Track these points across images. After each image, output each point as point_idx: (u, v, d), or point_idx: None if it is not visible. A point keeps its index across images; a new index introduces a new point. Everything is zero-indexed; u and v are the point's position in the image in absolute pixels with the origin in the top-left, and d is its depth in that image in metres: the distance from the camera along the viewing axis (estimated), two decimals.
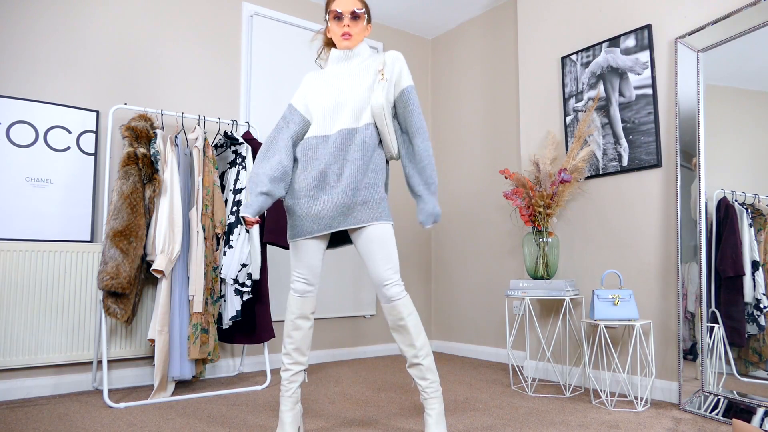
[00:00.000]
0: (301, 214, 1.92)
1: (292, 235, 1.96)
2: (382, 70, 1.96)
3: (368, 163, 1.92)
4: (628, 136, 2.80)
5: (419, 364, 1.92)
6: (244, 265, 2.85)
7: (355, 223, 1.89)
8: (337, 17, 1.98)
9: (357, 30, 2.00)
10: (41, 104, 2.83)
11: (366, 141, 1.91)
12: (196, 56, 3.36)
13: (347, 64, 2.03)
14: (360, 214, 1.89)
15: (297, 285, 1.98)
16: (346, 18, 1.97)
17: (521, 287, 2.85)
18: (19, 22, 2.83)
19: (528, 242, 2.94)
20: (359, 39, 2.02)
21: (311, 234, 1.92)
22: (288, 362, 1.98)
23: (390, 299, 1.91)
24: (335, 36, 2.01)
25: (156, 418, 2.29)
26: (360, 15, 1.99)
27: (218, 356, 2.82)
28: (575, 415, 2.34)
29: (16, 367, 2.60)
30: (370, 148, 1.93)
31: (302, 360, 1.98)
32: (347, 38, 1.99)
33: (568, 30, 3.15)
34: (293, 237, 1.96)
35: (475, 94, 4.07)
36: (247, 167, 2.96)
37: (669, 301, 2.61)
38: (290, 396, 1.97)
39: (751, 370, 2.24)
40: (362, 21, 2.01)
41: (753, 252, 2.28)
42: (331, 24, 2.01)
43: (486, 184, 3.91)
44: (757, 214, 2.28)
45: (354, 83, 1.96)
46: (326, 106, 1.96)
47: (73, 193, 2.87)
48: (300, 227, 1.93)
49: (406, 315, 1.91)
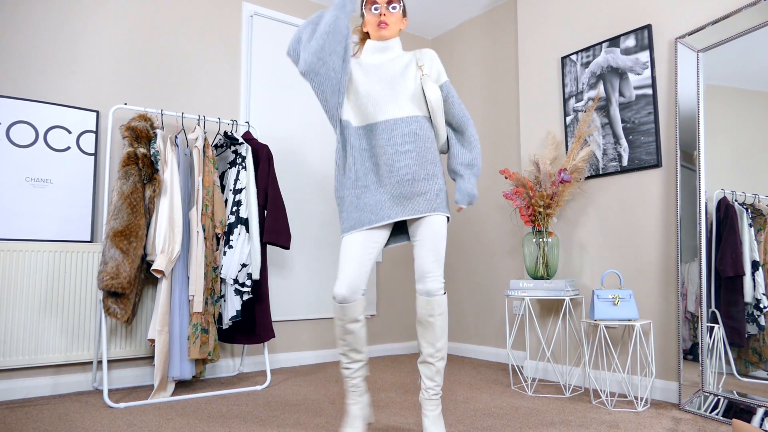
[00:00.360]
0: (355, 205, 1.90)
1: (346, 228, 1.91)
2: (422, 66, 2.00)
3: (424, 155, 1.92)
4: (628, 136, 2.80)
5: (433, 364, 1.92)
6: (244, 265, 2.85)
7: (413, 213, 1.89)
8: (374, 8, 2.00)
9: (393, 20, 2.01)
10: (41, 104, 2.83)
11: (417, 133, 1.92)
12: (196, 56, 3.36)
13: (382, 56, 2.03)
14: (418, 205, 1.90)
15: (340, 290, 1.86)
16: (383, 7, 1.99)
17: (521, 287, 2.85)
18: (20, 22, 2.83)
19: (528, 242, 2.94)
20: (395, 29, 2.03)
21: (369, 224, 1.88)
22: (346, 361, 1.94)
23: (429, 293, 1.90)
24: (371, 26, 2.02)
25: (156, 418, 2.29)
26: (396, 4, 2.01)
27: (218, 356, 2.82)
28: (575, 415, 2.34)
29: (16, 367, 2.60)
30: (422, 140, 1.94)
31: (360, 357, 1.94)
32: (384, 27, 1.99)
33: (568, 30, 3.15)
34: (348, 230, 1.90)
35: (475, 94, 4.07)
36: (247, 167, 2.96)
37: (669, 301, 2.61)
38: (355, 389, 1.95)
39: (751, 370, 2.24)
40: (398, 11, 2.02)
41: (753, 252, 2.28)
42: (367, 15, 2.03)
43: (486, 184, 3.91)
44: (757, 214, 2.28)
45: (393, 75, 1.97)
46: (368, 96, 1.95)
47: (73, 193, 2.87)
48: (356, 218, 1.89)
49: (437, 313, 1.91)
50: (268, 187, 3.03)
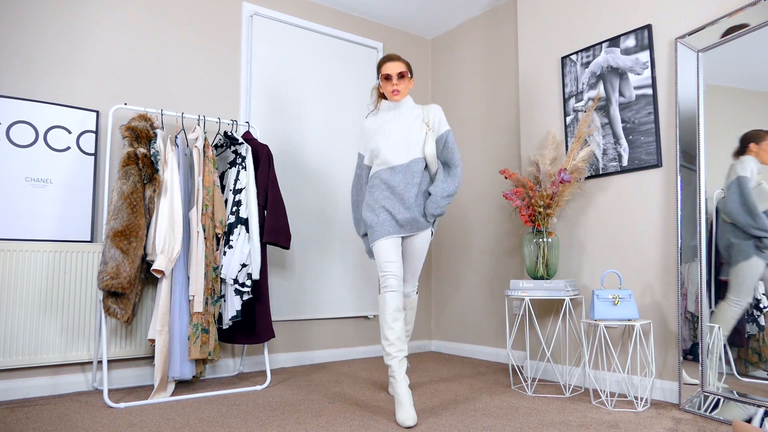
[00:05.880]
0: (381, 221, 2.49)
1: (374, 237, 2.48)
2: (427, 122, 2.59)
3: (422, 188, 2.57)
4: (628, 136, 2.80)
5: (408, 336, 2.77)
6: (244, 265, 2.85)
7: (416, 230, 2.57)
8: (387, 78, 2.58)
9: (403, 86, 2.59)
10: (41, 104, 2.83)
11: (422, 171, 2.56)
12: (196, 56, 3.36)
13: (396, 112, 2.64)
14: (418, 225, 2.55)
15: (390, 281, 2.41)
16: (395, 78, 2.56)
17: (521, 287, 2.85)
18: (20, 22, 2.83)
19: (528, 242, 2.94)
20: (405, 93, 2.62)
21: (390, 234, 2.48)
22: (394, 351, 2.33)
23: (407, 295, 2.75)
24: (387, 92, 2.61)
25: (156, 418, 2.29)
26: (404, 74, 2.58)
27: (218, 356, 2.82)
28: (575, 415, 2.34)
29: (16, 367, 2.60)
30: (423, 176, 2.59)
31: (405, 347, 2.37)
32: (396, 94, 2.58)
33: (568, 30, 3.15)
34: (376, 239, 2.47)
35: (475, 94, 4.07)
36: (247, 167, 2.96)
37: (669, 301, 2.61)
38: (402, 378, 2.28)
39: (751, 370, 2.24)
40: (407, 78, 2.60)
41: None
42: (382, 83, 2.61)
43: (486, 184, 3.91)
44: None
45: (404, 127, 2.58)
46: (386, 146, 2.55)
47: (73, 193, 2.87)
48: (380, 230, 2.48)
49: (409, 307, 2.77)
50: (268, 187, 3.03)
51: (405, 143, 2.54)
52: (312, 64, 3.84)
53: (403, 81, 2.58)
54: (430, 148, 2.56)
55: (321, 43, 3.91)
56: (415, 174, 2.52)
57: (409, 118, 2.60)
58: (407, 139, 2.54)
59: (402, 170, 2.52)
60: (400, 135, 2.56)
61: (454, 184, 2.57)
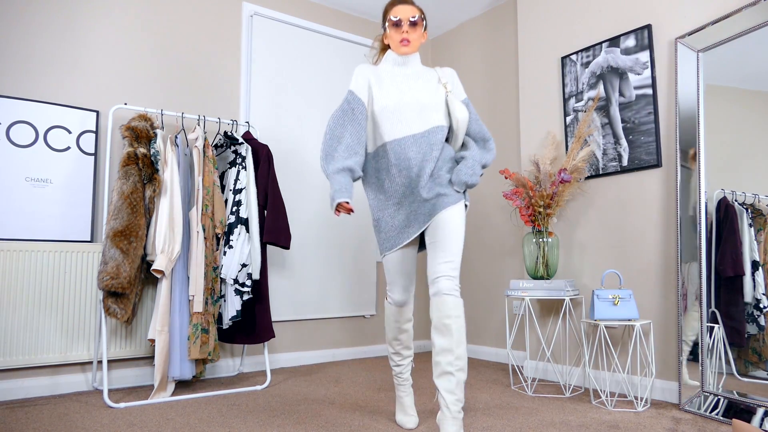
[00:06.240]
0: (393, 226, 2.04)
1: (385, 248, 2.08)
2: (446, 83, 2.08)
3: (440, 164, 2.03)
4: (628, 136, 2.80)
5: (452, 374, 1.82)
6: (244, 265, 2.85)
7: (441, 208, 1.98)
8: (396, 24, 2.04)
9: (415, 36, 2.05)
10: (41, 104, 2.83)
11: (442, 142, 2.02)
12: (196, 56, 3.36)
13: (403, 69, 2.09)
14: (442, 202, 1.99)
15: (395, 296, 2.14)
16: (405, 24, 2.03)
17: (521, 287, 2.85)
18: (20, 22, 2.83)
19: (528, 242, 2.94)
20: (416, 45, 2.07)
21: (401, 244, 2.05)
22: (398, 359, 2.22)
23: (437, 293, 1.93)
24: (393, 42, 2.07)
25: (156, 418, 2.29)
26: (418, 21, 2.04)
27: (218, 356, 2.82)
28: (575, 415, 2.34)
29: (15, 367, 2.60)
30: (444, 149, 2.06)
31: (411, 353, 2.24)
32: (406, 44, 2.04)
33: (568, 30, 3.15)
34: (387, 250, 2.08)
35: (475, 93, 4.07)
36: (247, 167, 2.96)
37: (669, 301, 2.61)
38: (405, 381, 2.21)
39: (751, 370, 2.24)
40: (420, 27, 2.06)
41: (753, 252, 2.28)
42: (389, 30, 2.07)
43: (486, 184, 3.91)
44: (757, 214, 2.28)
45: (416, 88, 2.04)
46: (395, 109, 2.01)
47: (73, 193, 2.87)
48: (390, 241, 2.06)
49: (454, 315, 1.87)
50: (268, 187, 3.03)
51: (419, 107, 2.00)
52: (312, 64, 3.84)
53: (415, 30, 2.04)
54: (462, 112, 2.02)
55: (321, 43, 3.91)
56: (434, 146, 1.98)
57: (421, 78, 2.07)
58: (422, 103, 2.00)
59: (418, 140, 1.97)
60: (413, 97, 2.01)
61: (491, 156, 2.10)
